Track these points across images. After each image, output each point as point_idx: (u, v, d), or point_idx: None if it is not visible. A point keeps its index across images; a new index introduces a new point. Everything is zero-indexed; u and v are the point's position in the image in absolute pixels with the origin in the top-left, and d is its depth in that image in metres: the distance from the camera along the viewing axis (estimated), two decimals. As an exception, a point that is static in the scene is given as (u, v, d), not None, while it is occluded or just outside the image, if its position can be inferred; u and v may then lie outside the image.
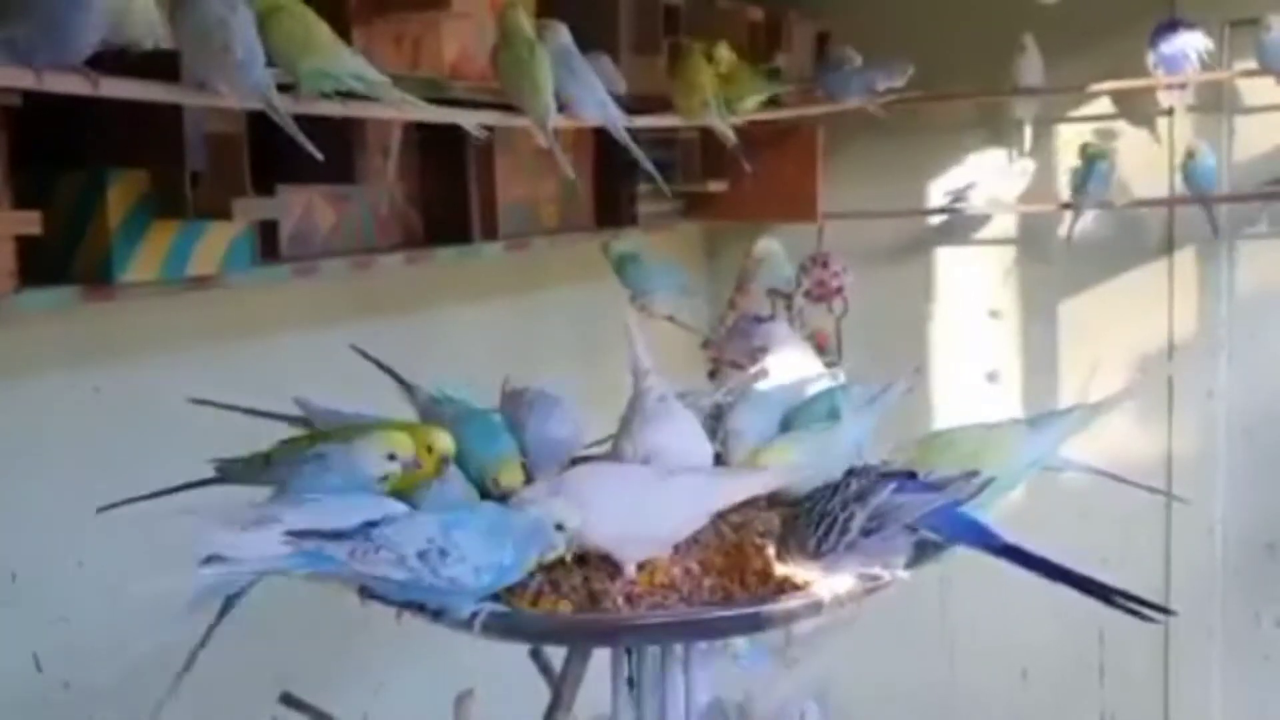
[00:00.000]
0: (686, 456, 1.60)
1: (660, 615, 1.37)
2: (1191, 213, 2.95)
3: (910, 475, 1.40)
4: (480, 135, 1.72)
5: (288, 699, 1.65)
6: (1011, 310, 3.26)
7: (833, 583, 1.36)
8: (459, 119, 1.76)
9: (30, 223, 1.41)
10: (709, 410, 1.81)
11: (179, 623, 1.33)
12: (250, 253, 1.73)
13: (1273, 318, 3.02)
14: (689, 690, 1.64)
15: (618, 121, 1.97)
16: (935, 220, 3.27)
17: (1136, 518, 3.03)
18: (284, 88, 1.45)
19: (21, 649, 1.71)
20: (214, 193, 1.58)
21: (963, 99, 3.11)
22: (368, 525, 1.29)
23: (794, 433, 1.68)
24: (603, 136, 2.32)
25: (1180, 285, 3.07)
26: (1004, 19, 2.98)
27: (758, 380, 1.91)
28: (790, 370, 1.94)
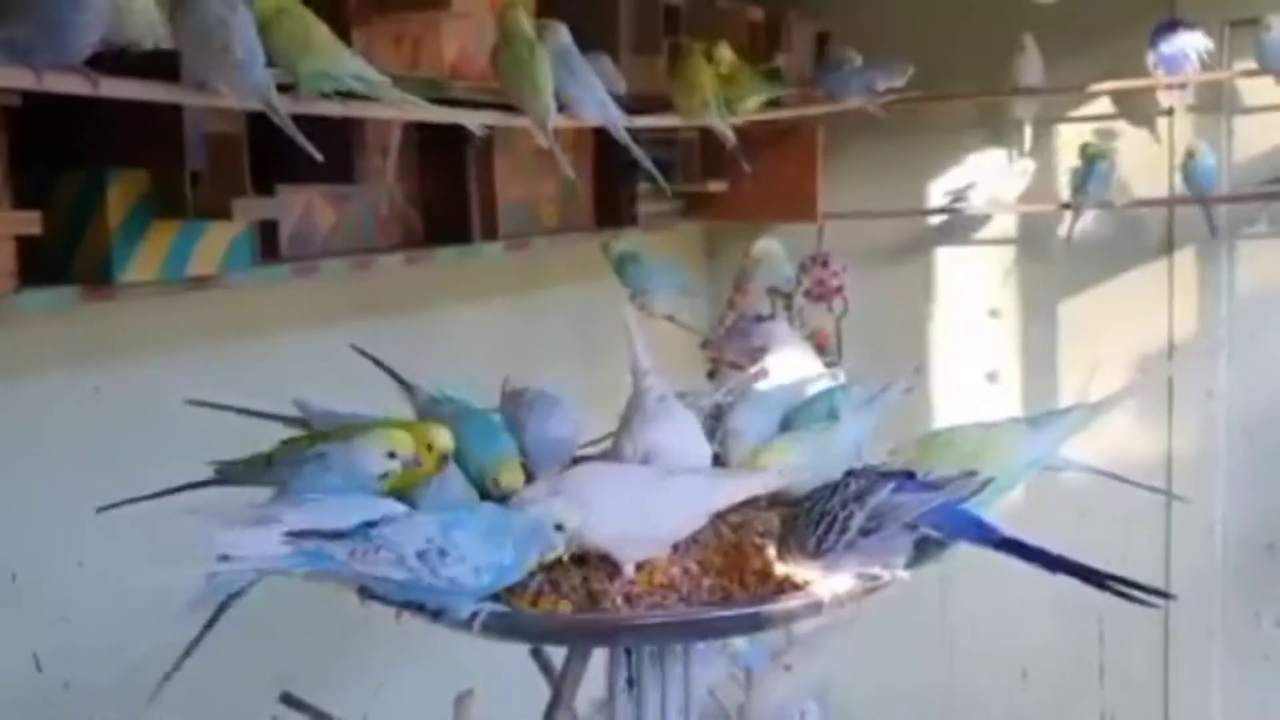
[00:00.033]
0: (686, 456, 1.60)
1: (660, 615, 1.37)
2: (1191, 213, 2.95)
3: (909, 475, 1.40)
4: (482, 133, 1.72)
5: (288, 699, 1.65)
6: (1011, 310, 3.26)
7: (832, 582, 1.36)
8: (459, 119, 1.77)
9: (30, 223, 1.41)
10: (709, 410, 1.81)
11: (179, 622, 1.33)
12: (250, 253, 1.73)
13: (1273, 318, 3.02)
14: (689, 690, 1.64)
15: (618, 121, 1.97)
16: (935, 220, 3.27)
17: (1136, 518, 3.03)
18: (284, 88, 1.45)
19: (21, 649, 1.71)
20: (214, 193, 1.58)
21: (963, 99, 3.11)
22: (367, 525, 1.29)
23: (793, 433, 1.68)
24: (603, 136, 2.32)
25: (1180, 285, 3.07)
26: (1004, 19, 2.98)
27: (757, 380, 1.92)
28: (790, 370, 1.94)
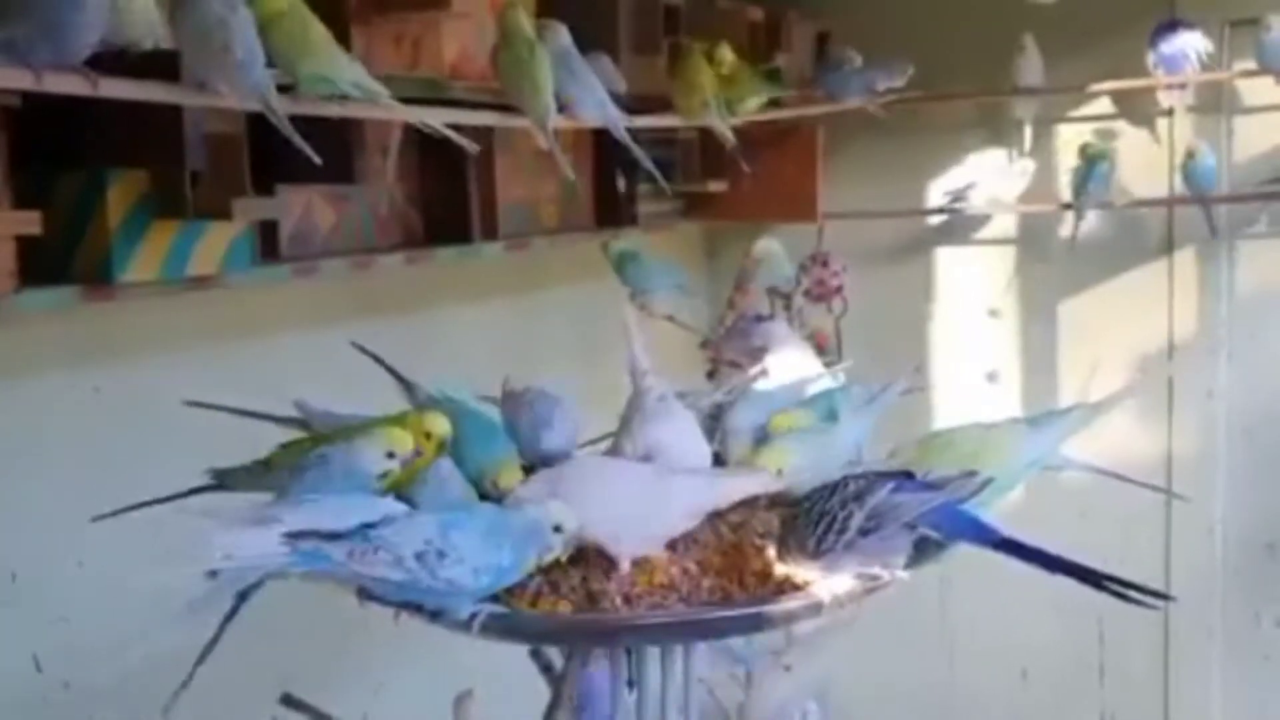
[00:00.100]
0: (686, 456, 1.60)
1: (660, 615, 1.37)
2: (1191, 213, 2.95)
3: (908, 475, 1.40)
4: (474, 150, 1.72)
5: (288, 700, 1.65)
6: (1011, 310, 3.26)
7: (832, 583, 1.36)
8: (458, 122, 1.76)
9: (30, 223, 1.41)
10: (708, 410, 1.81)
11: (179, 623, 1.33)
12: (250, 253, 1.73)
13: (1273, 318, 3.01)
14: (689, 690, 1.64)
15: (617, 121, 1.96)
16: (935, 220, 3.27)
17: (1137, 518, 3.02)
18: (283, 89, 1.45)
19: (21, 649, 1.71)
20: (214, 193, 1.58)
21: (963, 99, 3.11)
22: (366, 526, 1.29)
23: (793, 432, 1.68)
24: (603, 136, 2.32)
25: (1180, 285, 3.07)
26: (1004, 19, 2.97)
27: (757, 380, 1.92)
28: (790, 370, 1.94)
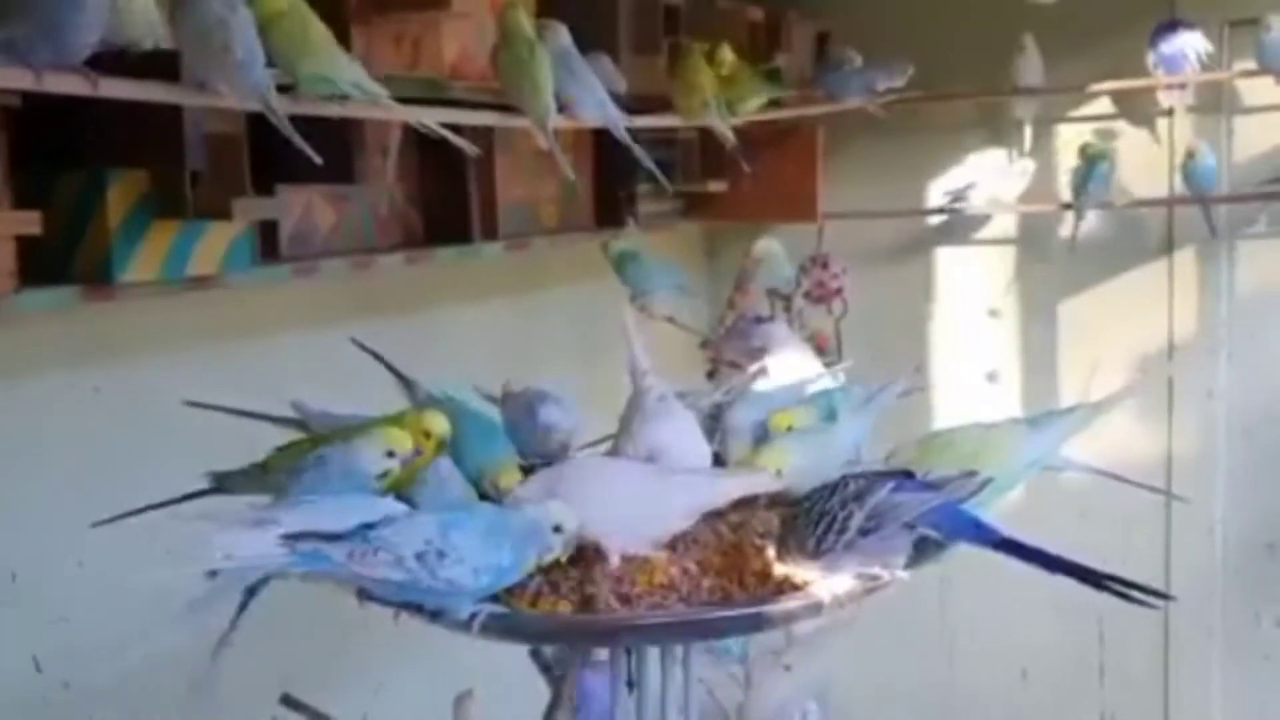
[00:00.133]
0: (686, 457, 1.59)
1: (660, 615, 1.37)
2: (1191, 213, 2.95)
3: (908, 475, 1.40)
4: (473, 152, 1.72)
5: (287, 700, 1.65)
6: (1011, 310, 3.26)
7: (832, 583, 1.36)
8: (459, 120, 1.76)
9: (30, 223, 1.41)
10: (708, 410, 1.81)
11: (179, 623, 1.33)
12: (250, 253, 1.73)
13: (1273, 318, 3.02)
14: (689, 690, 1.64)
15: (617, 121, 1.96)
16: (935, 220, 3.27)
17: (1136, 518, 3.02)
18: (283, 88, 1.45)
19: (21, 649, 1.71)
20: (214, 193, 1.58)
21: (963, 99, 3.11)
22: (366, 527, 1.29)
23: (792, 432, 1.68)
24: (603, 136, 2.32)
25: (1180, 285, 3.07)
26: (1004, 19, 2.97)
27: (757, 380, 1.92)
28: (789, 371, 1.94)
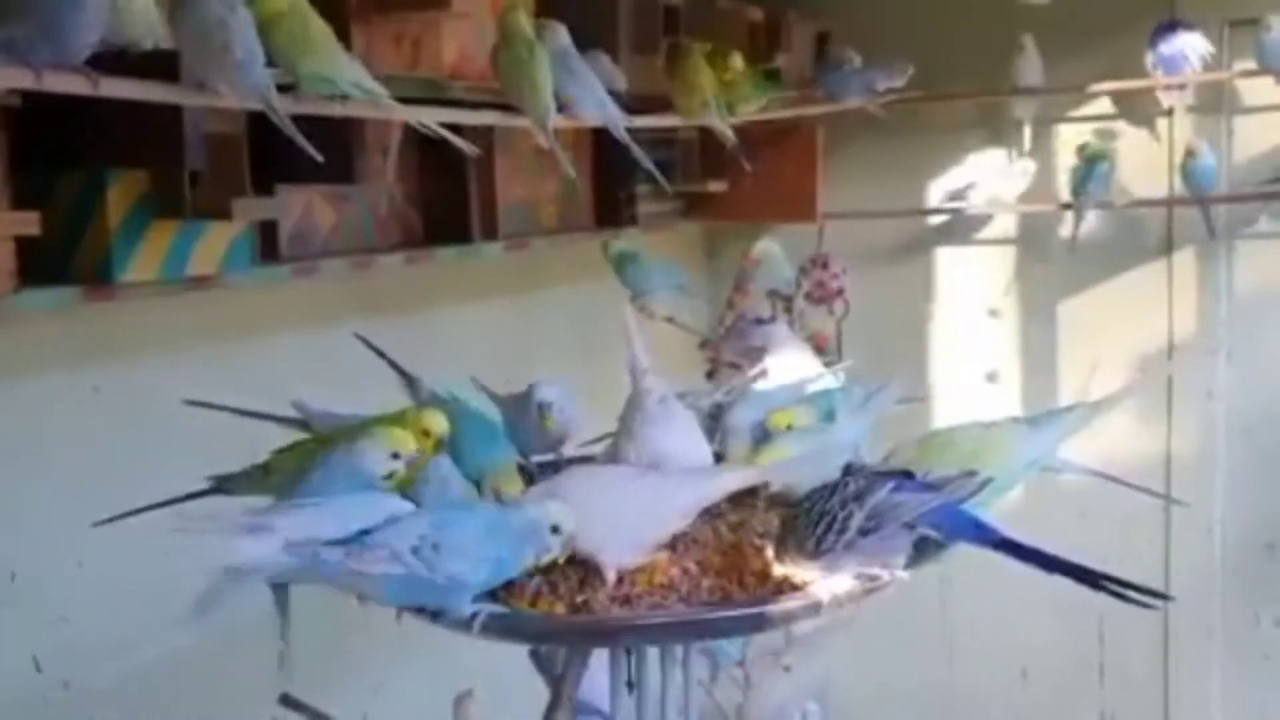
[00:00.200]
0: (687, 460, 1.59)
1: (659, 615, 1.37)
2: (1191, 213, 2.95)
3: (908, 475, 1.40)
4: (474, 153, 1.72)
5: (287, 699, 1.65)
6: (1011, 310, 3.26)
7: (832, 583, 1.36)
8: (459, 120, 1.76)
9: (29, 223, 1.41)
10: (708, 410, 1.81)
11: (179, 624, 1.33)
12: (250, 253, 1.73)
13: (1272, 318, 3.02)
14: (689, 690, 1.64)
15: (617, 121, 1.96)
16: (935, 220, 3.27)
17: (1136, 518, 3.03)
18: (284, 88, 1.45)
19: (21, 649, 1.71)
20: (213, 193, 1.58)
21: (963, 99, 3.11)
22: (363, 533, 1.29)
23: (791, 432, 1.68)
24: (602, 136, 2.32)
25: (1180, 285, 3.07)
26: (1004, 19, 2.97)
27: (757, 380, 1.92)
28: (789, 371, 1.94)
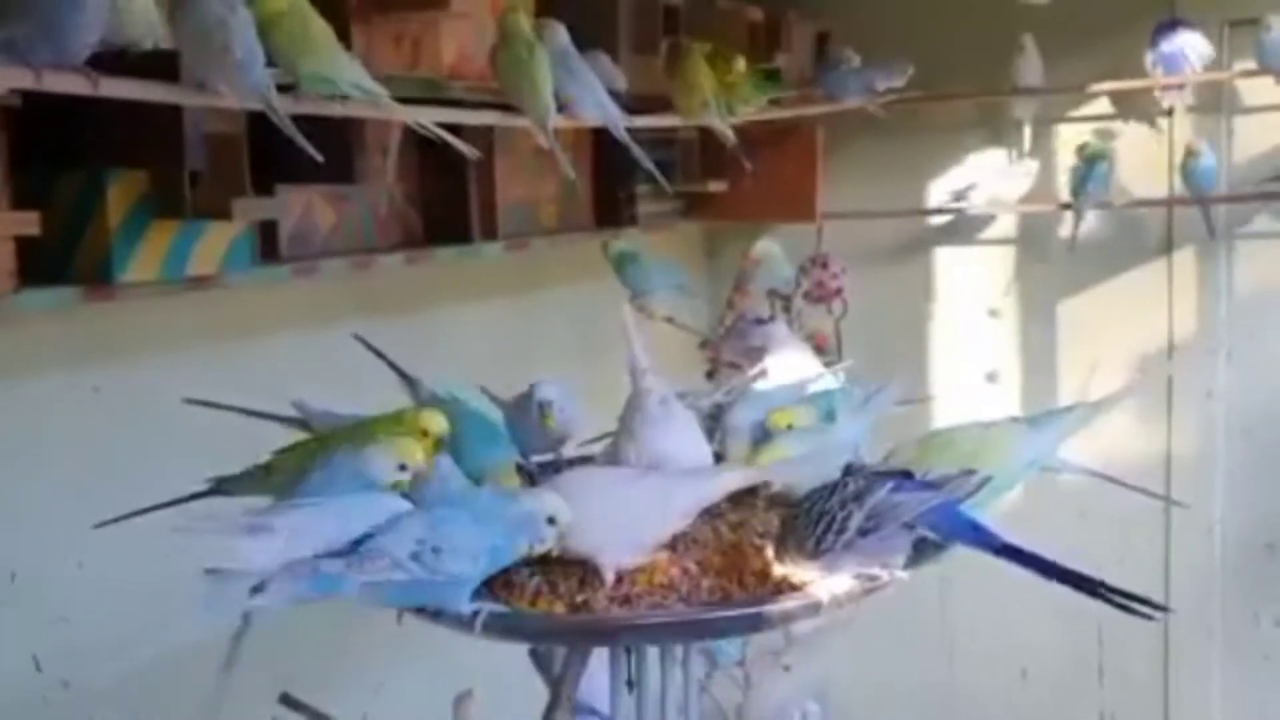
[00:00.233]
0: (687, 460, 1.59)
1: (659, 615, 1.37)
2: (1191, 213, 2.95)
3: (907, 474, 1.40)
4: (474, 155, 1.72)
5: (287, 699, 1.65)
6: (1011, 310, 3.26)
7: (831, 583, 1.36)
8: (459, 120, 1.76)
9: (29, 223, 1.41)
10: (708, 410, 1.81)
11: (179, 624, 1.33)
12: (250, 253, 1.73)
13: (1272, 318, 3.02)
14: (688, 690, 1.64)
15: (617, 121, 1.96)
16: (935, 220, 3.27)
17: (1136, 518, 3.03)
18: (284, 88, 1.45)
19: (21, 649, 1.71)
20: (213, 193, 1.58)
21: (963, 99, 3.11)
22: (357, 543, 1.29)
23: (791, 432, 1.68)
24: (602, 136, 2.32)
25: (1179, 285, 3.07)
26: (1004, 19, 2.97)
27: (757, 380, 1.92)
28: (789, 371, 1.94)
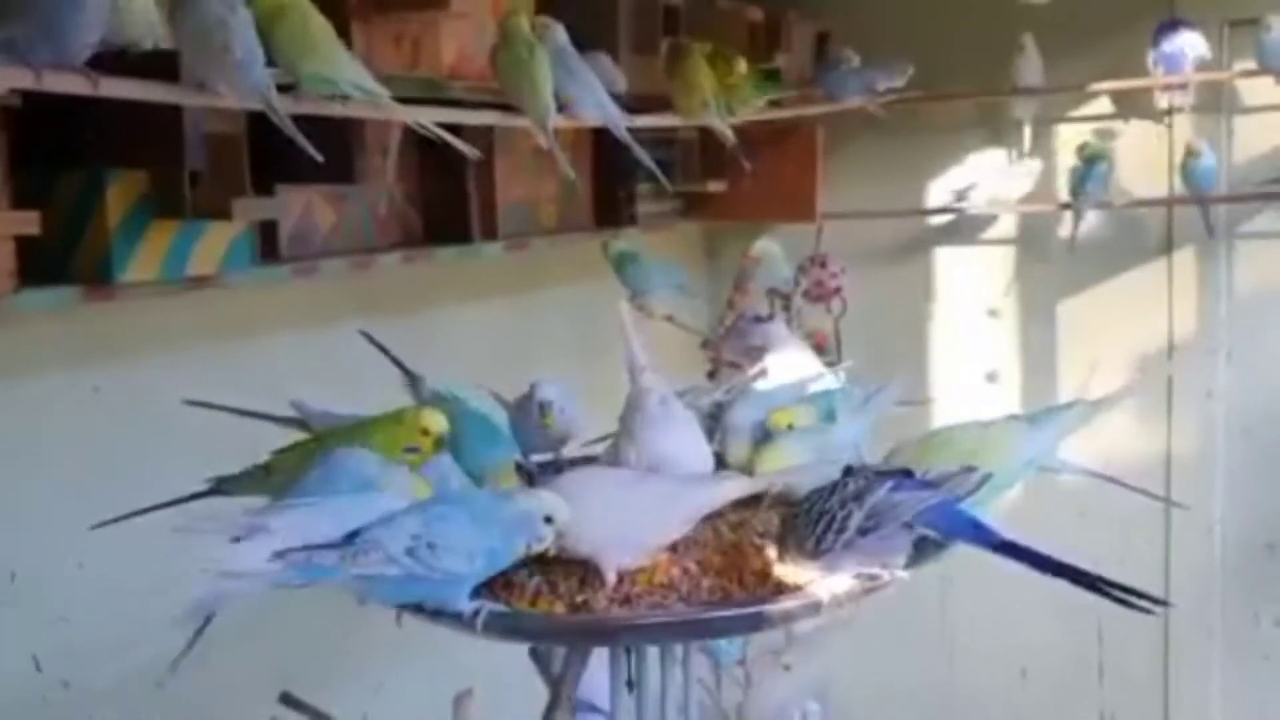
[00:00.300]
0: (689, 464, 1.59)
1: (659, 615, 1.37)
2: (1190, 213, 2.95)
3: (907, 473, 1.40)
4: (474, 155, 1.72)
5: (287, 699, 1.65)
6: (1011, 310, 3.26)
7: (831, 582, 1.36)
8: (459, 120, 1.76)
9: (29, 223, 1.41)
10: (708, 409, 1.81)
11: (179, 625, 1.33)
12: (250, 253, 1.73)
13: (1272, 318, 3.01)
14: (688, 690, 1.64)
15: (617, 121, 1.96)
16: (935, 220, 3.27)
17: (1136, 518, 3.02)
18: (284, 88, 1.45)
19: (21, 649, 1.71)
20: (213, 193, 1.58)
21: (963, 99, 3.11)
22: (352, 534, 1.28)
23: (791, 432, 1.68)
24: (602, 136, 2.32)
25: (1179, 285, 3.07)
26: (1004, 19, 2.97)
27: (757, 380, 1.92)
28: (789, 370, 1.94)
